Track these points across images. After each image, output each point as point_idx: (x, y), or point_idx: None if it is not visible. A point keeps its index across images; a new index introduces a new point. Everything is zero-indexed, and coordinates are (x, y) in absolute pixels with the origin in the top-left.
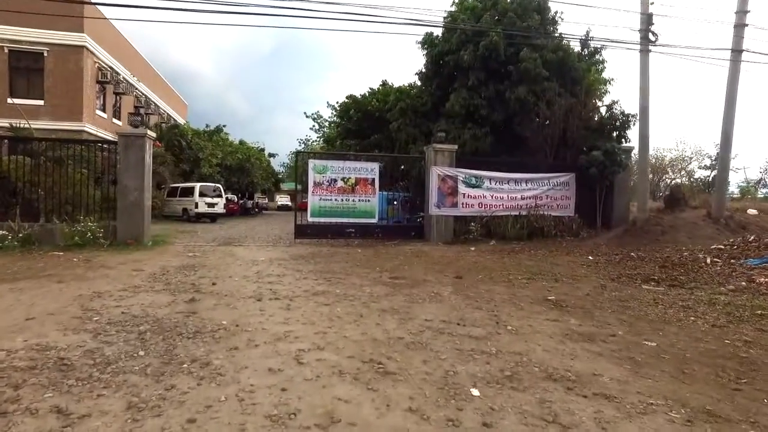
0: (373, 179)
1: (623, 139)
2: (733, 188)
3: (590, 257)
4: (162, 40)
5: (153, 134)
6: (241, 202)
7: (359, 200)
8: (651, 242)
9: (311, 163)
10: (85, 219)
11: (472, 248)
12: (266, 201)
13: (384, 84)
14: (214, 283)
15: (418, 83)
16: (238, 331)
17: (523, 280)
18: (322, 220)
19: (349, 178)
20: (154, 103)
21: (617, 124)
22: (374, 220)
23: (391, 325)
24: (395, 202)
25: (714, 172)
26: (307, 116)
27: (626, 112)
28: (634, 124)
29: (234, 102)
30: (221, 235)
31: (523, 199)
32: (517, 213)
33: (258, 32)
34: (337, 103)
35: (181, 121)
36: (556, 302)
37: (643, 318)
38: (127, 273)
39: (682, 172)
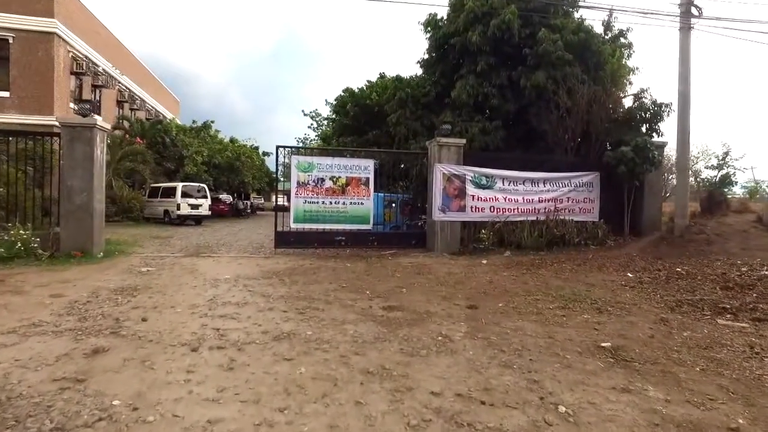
0: (368, 179)
1: (655, 133)
2: (738, 189)
3: (629, 274)
4: (162, 41)
5: (107, 125)
6: (231, 202)
7: (351, 203)
8: (695, 254)
9: (294, 159)
10: (16, 227)
11: (484, 261)
12: (262, 201)
13: (383, 76)
14: (144, 319)
15: (420, 72)
16: (131, 422)
17: (557, 311)
18: (307, 226)
19: (339, 177)
20: (140, 98)
21: (647, 115)
22: (368, 227)
23: (379, 404)
24: (393, 205)
25: (722, 173)
26: (305, 114)
27: (658, 102)
28: (668, 114)
29: (234, 101)
30: (196, 242)
31: (540, 201)
32: (534, 218)
33: (260, 29)
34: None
35: (179, 122)
36: (614, 352)
37: (757, 385)
38: (38, 301)
39: (689, 172)
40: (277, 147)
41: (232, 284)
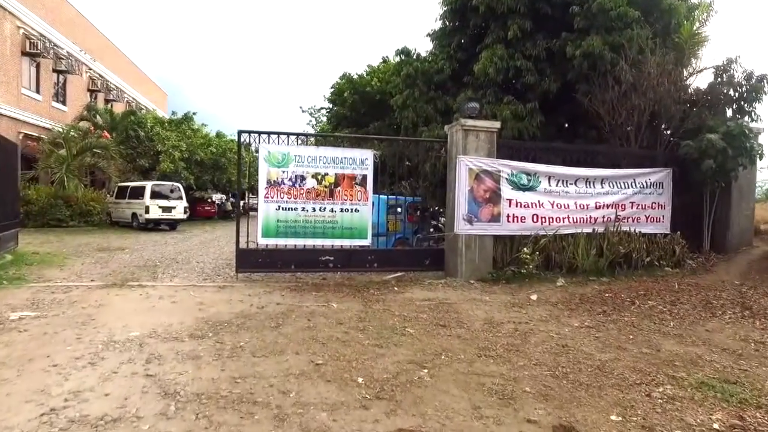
0: (365, 176)
1: (747, 117)
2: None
3: None
4: (160, 40)
5: None
6: (218, 203)
7: (342, 210)
8: None
9: (263, 149)
10: None
11: (533, 296)
12: (257, 201)
13: (385, 60)
14: None
15: (431, 49)
16: None
17: None
18: (282, 241)
19: (326, 174)
20: (118, 87)
21: (735, 94)
22: (366, 242)
23: None
24: (399, 210)
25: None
26: (303, 111)
27: (756, 74)
28: None
29: (233, 98)
30: (148, 256)
31: (598, 208)
32: (590, 229)
33: (260, 26)
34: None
35: (160, 114)
36: None
37: None
38: None
39: None
40: (240, 132)
41: (129, 356)
